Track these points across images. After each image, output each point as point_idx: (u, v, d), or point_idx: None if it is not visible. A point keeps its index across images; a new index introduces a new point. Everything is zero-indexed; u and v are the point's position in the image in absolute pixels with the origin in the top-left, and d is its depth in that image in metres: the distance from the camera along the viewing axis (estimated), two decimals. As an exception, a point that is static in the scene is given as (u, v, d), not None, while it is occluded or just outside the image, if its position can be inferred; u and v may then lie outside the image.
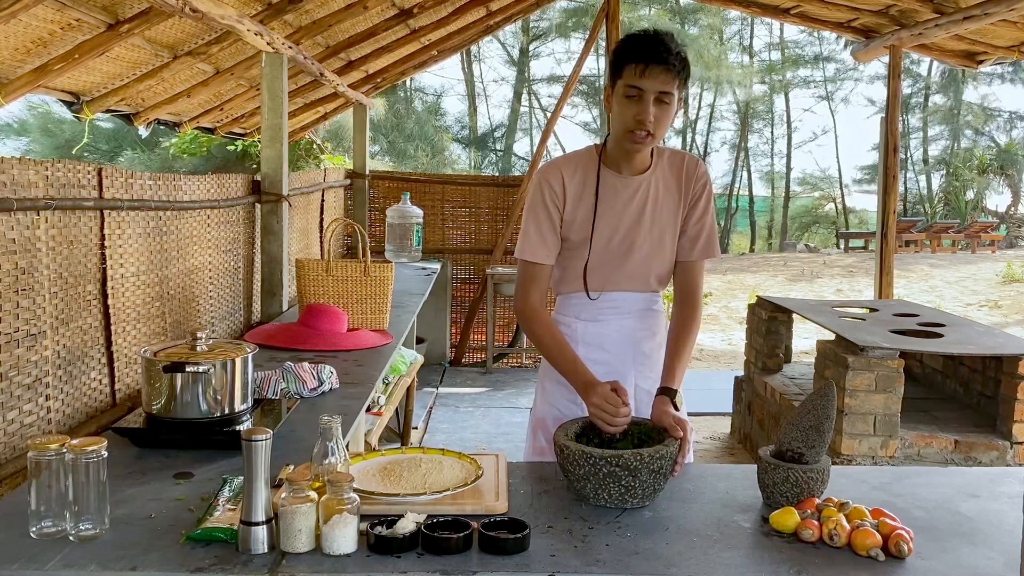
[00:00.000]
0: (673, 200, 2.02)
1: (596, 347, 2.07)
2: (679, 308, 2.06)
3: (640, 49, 1.83)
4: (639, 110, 1.84)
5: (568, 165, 2.01)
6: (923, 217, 22.77)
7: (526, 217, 2.02)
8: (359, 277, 3.35)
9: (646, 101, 1.84)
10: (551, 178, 1.99)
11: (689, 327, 2.02)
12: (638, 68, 1.82)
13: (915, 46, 6.13)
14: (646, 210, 1.99)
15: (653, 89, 1.82)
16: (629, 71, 1.84)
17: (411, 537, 1.38)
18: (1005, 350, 3.83)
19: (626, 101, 1.86)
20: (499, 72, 31.98)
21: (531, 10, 6.90)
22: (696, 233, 2.04)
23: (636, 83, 1.83)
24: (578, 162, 2.02)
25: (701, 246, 2.05)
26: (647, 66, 1.81)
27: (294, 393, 2.34)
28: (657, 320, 2.13)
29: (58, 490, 1.42)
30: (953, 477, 1.87)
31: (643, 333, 2.10)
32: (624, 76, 1.85)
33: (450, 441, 4.95)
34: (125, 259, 2.47)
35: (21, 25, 2.76)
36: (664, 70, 1.81)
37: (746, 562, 1.40)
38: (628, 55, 1.85)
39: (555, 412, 2.06)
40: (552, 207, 1.98)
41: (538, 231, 1.99)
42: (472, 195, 7.00)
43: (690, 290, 2.07)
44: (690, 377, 2.11)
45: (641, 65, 1.81)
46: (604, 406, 1.72)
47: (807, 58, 24.55)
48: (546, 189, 1.99)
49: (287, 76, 3.81)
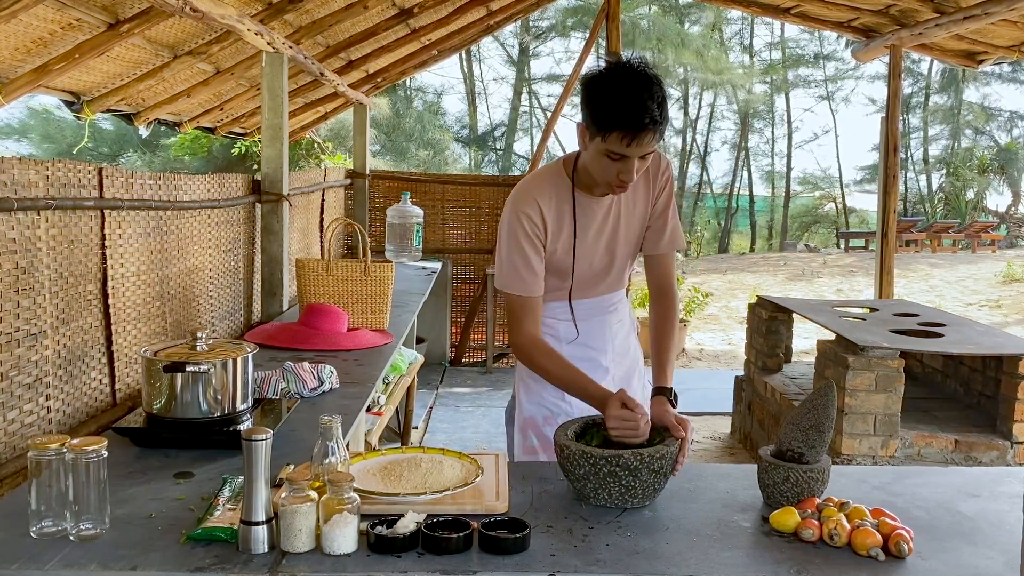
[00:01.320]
0: (642, 201, 2.02)
1: (580, 345, 2.11)
2: (658, 304, 2.07)
3: (628, 117, 1.69)
4: (623, 169, 1.77)
5: (542, 192, 1.93)
6: (923, 217, 22.76)
7: (509, 249, 1.93)
8: (359, 277, 3.35)
9: (630, 163, 1.76)
10: (528, 210, 1.91)
11: (671, 323, 2.04)
12: (625, 139, 1.70)
13: (915, 46, 6.13)
14: (621, 224, 2.01)
15: (639, 154, 1.74)
16: (614, 139, 1.71)
17: (411, 537, 1.38)
18: (1005, 350, 3.83)
19: (607, 159, 1.76)
20: (499, 71, 32.06)
21: (531, 10, 6.90)
22: (661, 226, 2.05)
23: (623, 151, 1.73)
24: (551, 186, 1.95)
25: (667, 239, 2.06)
26: (634, 137, 1.70)
27: (294, 393, 2.34)
28: (626, 309, 2.24)
29: (58, 490, 1.42)
30: (953, 477, 1.87)
31: (618, 325, 2.20)
32: (608, 141, 1.72)
33: (450, 441, 4.95)
34: (125, 259, 2.47)
35: (21, 25, 2.76)
36: (652, 134, 1.71)
37: (746, 562, 1.40)
38: (615, 121, 1.70)
39: (543, 411, 2.08)
40: (535, 238, 1.92)
41: (526, 264, 1.92)
42: (472, 195, 7.00)
43: (666, 283, 2.08)
44: (690, 377, 2.13)
45: (629, 135, 1.70)
46: (624, 425, 1.68)
47: (807, 58, 24.54)
48: (526, 222, 1.91)
49: (287, 76, 3.81)
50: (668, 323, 2.04)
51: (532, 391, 2.13)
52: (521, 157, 22.74)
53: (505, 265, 1.95)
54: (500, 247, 1.97)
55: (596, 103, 1.74)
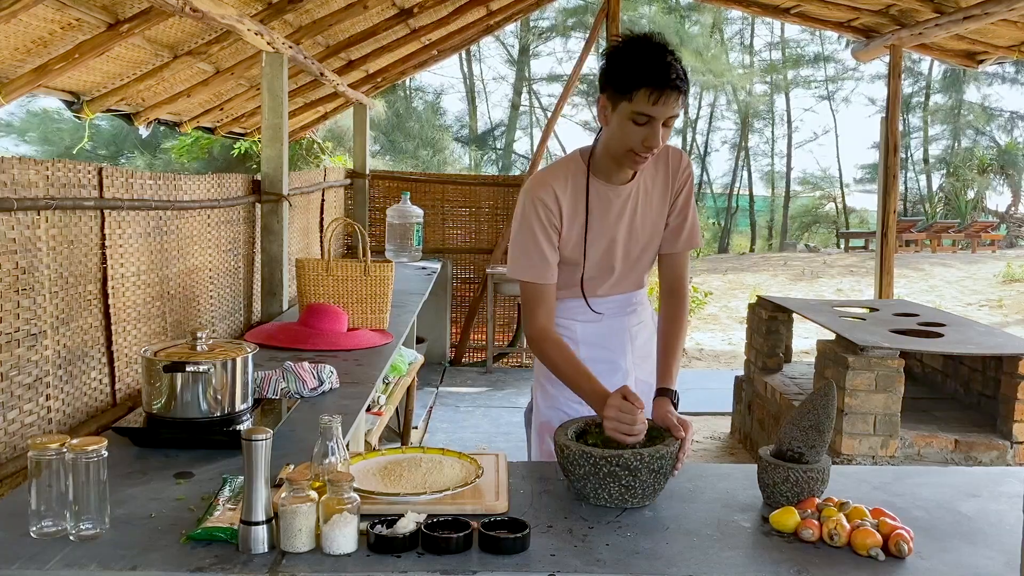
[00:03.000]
0: (660, 196, 2.00)
1: (597, 346, 2.09)
2: (668, 303, 2.05)
3: (654, 75, 1.71)
4: (648, 135, 1.77)
5: (558, 179, 1.93)
6: (923, 217, 22.77)
7: (523, 236, 1.93)
8: (359, 277, 3.35)
9: (656, 126, 1.76)
10: (544, 196, 1.91)
11: (680, 324, 2.02)
12: (652, 96, 1.72)
13: (915, 46, 6.13)
14: (637, 216, 1.98)
15: (664, 115, 1.75)
16: (641, 97, 1.72)
17: (411, 537, 1.38)
18: (1005, 350, 3.83)
19: (632, 124, 1.77)
20: (499, 71, 32.08)
21: (531, 10, 6.90)
22: (679, 224, 2.03)
23: (649, 111, 1.74)
24: (567, 174, 1.94)
25: (685, 237, 2.04)
26: (661, 94, 1.71)
27: (294, 393, 2.34)
28: (647, 311, 2.20)
29: (58, 490, 1.42)
30: (953, 477, 1.87)
31: (637, 327, 2.15)
32: (635, 101, 1.74)
33: (450, 441, 4.95)
34: (125, 259, 2.47)
35: (21, 25, 2.76)
36: (677, 95, 1.73)
37: (746, 562, 1.40)
38: (641, 79, 1.72)
39: (560, 415, 2.04)
40: (549, 226, 1.91)
41: (539, 251, 1.91)
42: (472, 195, 7.00)
43: (678, 283, 2.06)
44: (690, 377, 2.13)
45: (656, 92, 1.71)
46: (621, 417, 1.66)
47: (808, 58, 24.54)
48: (541, 208, 1.90)
49: (287, 76, 3.81)
50: (677, 323, 2.01)
51: (549, 395, 2.10)
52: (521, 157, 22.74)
53: (518, 252, 1.94)
54: (514, 235, 1.96)
55: (621, 66, 1.77)
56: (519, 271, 1.94)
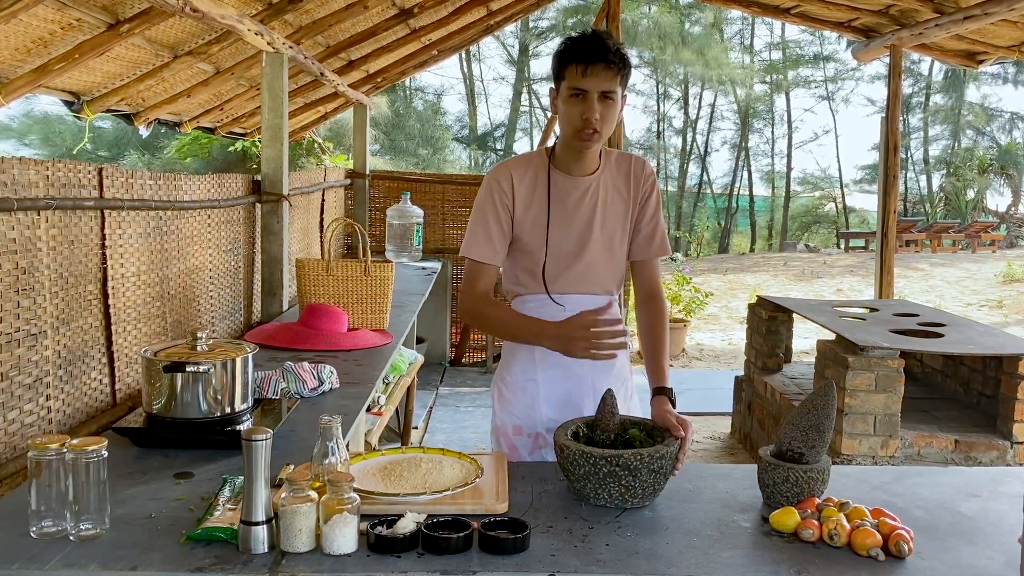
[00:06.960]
0: (622, 202, 2.04)
1: None
2: (646, 308, 2.08)
3: (580, 50, 1.85)
4: (584, 108, 1.86)
5: (518, 167, 2.03)
6: (923, 217, 22.76)
7: (474, 216, 2.02)
8: (359, 277, 3.35)
9: (590, 100, 1.86)
10: (500, 179, 2.00)
11: (662, 324, 2.05)
12: (579, 68, 1.84)
13: (915, 46, 6.13)
14: (596, 211, 2.02)
15: (596, 88, 1.85)
16: (571, 72, 1.86)
17: (411, 537, 1.38)
18: (1005, 350, 3.83)
19: (571, 101, 1.88)
20: (499, 71, 32.06)
21: (531, 10, 6.89)
22: (650, 232, 2.07)
23: (579, 84, 1.85)
24: (528, 163, 2.04)
25: (656, 245, 2.08)
26: (588, 66, 1.83)
27: (294, 393, 2.34)
28: None
29: (58, 490, 1.42)
30: (953, 477, 1.87)
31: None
32: (567, 78, 1.87)
33: (450, 441, 4.95)
34: (125, 259, 2.47)
35: (21, 25, 2.76)
36: (605, 68, 1.83)
37: (746, 562, 1.40)
38: (569, 57, 1.87)
39: (513, 420, 2.08)
40: (501, 208, 2.00)
41: (486, 231, 2.00)
42: (472, 195, 6.92)
43: (653, 289, 2.10)
44: (690, 377, 2.13)
45: (583, 65, 1.84)
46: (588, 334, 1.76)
47: (808, 58, 24.52)
48: (495, 190, 2.00)
49: (287, 76, 3.81)
50: (660, 325, 2.04)
51: (505, 400, 2.11)
52: (521, 157, 22.68)
53: (469, 230, 2.03)
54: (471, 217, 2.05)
55: (558, 52, 1.91)
56: (466, 248, 2.03)
